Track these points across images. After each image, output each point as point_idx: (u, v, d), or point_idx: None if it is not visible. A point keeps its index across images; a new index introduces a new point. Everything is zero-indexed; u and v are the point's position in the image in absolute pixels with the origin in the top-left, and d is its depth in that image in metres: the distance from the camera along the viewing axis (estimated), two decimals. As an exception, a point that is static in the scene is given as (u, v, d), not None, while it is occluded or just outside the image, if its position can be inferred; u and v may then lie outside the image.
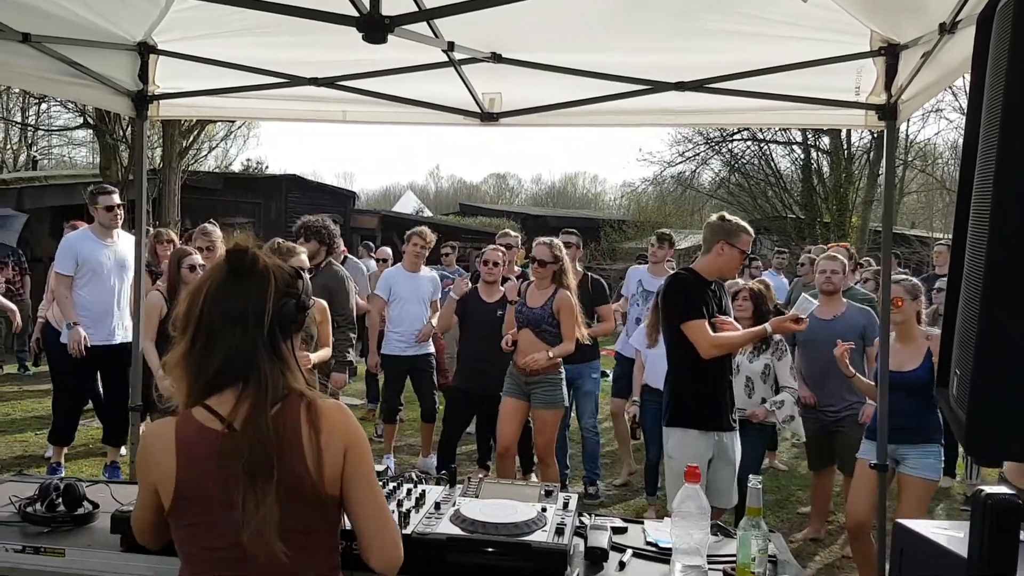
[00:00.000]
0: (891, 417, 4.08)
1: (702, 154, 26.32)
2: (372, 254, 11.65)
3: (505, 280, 6.12)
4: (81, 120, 19.42)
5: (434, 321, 6.83)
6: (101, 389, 6.41)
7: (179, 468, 1.79)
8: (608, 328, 6.59)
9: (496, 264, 6.01)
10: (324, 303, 4.91)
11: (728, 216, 4.17)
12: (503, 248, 6.43)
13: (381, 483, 2.68)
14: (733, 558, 2.30)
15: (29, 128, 26.49)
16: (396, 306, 6.81)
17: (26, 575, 2.37)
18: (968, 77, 1.59)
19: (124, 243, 6.16)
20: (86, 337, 5.81)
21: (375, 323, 6.86)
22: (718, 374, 4.06)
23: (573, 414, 6.54)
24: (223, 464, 1.76)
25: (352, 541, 2.01)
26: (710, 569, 2.31)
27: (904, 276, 4.81)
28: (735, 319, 5.32)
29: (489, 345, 5.77)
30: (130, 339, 5.67)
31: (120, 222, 6.17)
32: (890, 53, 3.47)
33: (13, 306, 7.20)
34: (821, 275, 5.50)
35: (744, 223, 4.13)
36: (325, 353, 4.86)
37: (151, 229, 6.92)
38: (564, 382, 5.54)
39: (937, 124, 49.47)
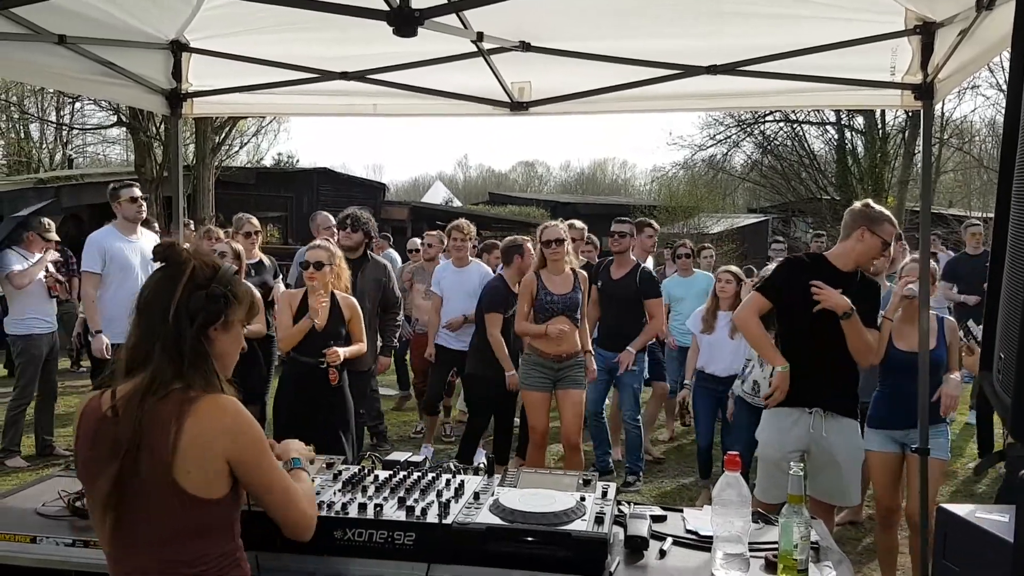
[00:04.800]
0: (905, 400, 4.02)
1: (733, 137, 26.14)
2: (390, 246, 11.60)
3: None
4: (115, 118, 19.72)
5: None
6: None
7: (77, 443, 1.93)
8: (656, 328, 6.39)
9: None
10: (354, 301, 4.91)
11: (873, 204, 4.00)
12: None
13: (420, 473, 2.72)
14: (775, 545, 2.28)
15: (64, 127, 26.93)
16: (443, 300, 6.94)
17: (76, 568, 2.41)
18: (1008, 54, 1.56)
19: (147, 241, 6.12)
20: (108, 345, 5.76)
21: (433, 320, 6.96)
22: (815, 351, 3.87)
23: (608, 400, 6.61)
24: (95, 446, 1.86)
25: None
26: (752, 557, 2.30)
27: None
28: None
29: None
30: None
31: (144, 214, 6.16)
32: (925, 31, 3.41)
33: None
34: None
35: (889, 213, 3.97)
36: (357, 348, 4.87)
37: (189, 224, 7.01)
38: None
39: (974, 101, 48.50)
